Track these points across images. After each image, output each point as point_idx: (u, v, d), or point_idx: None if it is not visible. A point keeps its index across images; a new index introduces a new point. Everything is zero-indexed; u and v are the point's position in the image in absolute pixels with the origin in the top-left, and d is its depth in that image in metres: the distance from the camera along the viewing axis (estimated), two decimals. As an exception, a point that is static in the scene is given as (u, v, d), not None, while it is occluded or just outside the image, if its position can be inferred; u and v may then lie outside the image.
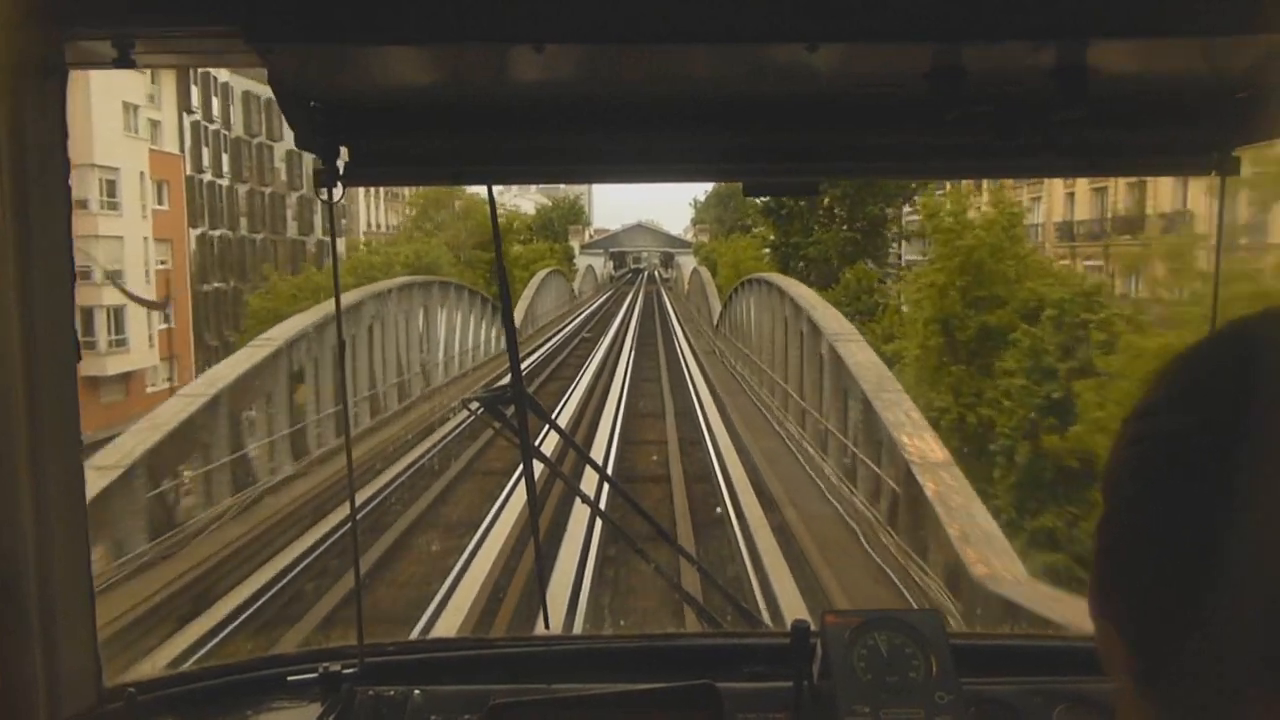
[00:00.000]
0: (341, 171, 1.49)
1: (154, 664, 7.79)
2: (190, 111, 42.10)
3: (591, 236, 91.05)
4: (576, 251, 77.68)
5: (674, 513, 12.79)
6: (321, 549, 11.40)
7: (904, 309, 27.32)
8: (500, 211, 2.10)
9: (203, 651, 8.58)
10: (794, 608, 9.18)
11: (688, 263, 69.07)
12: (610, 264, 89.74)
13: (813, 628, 1.51)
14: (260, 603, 10.12)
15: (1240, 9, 1.13)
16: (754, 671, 1.63)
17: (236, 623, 9.47)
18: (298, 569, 11.00)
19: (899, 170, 2.25)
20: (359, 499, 12.39)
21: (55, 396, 1.28)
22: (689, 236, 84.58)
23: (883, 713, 1.38)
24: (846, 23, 1.15)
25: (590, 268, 73.72)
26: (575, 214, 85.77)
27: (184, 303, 39.24)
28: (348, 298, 17.17)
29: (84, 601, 1.36)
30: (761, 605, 9.44)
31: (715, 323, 34.76)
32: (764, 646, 1.73)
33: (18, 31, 1.19)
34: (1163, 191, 27.58)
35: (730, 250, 49.68)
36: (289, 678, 1.65)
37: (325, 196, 1.49)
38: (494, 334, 28.41)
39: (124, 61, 1.27)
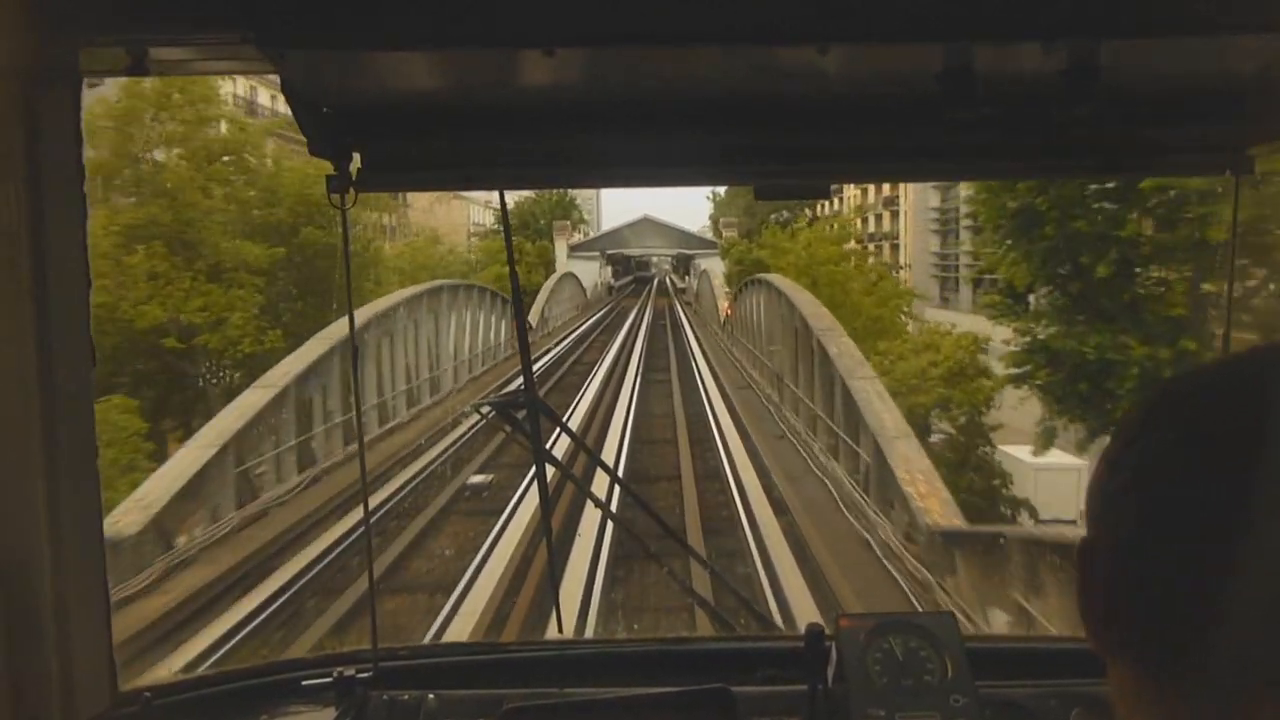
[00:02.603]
0: (354, 178, 1.50)
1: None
2: None
3: (586, 235, 70.98)
4: (563, 255, 58.08)
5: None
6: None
7: None
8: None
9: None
10: None
11: (714, 268, 46.68)
12: (609, 270, 68.46)
13: (827, 631, 1.52)
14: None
15: (1253, 7, 1.14)
16: (768, 675, 1.64)
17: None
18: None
19: (910, 171, 2.10)
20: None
21: (71, 401, 1.30)
22: (709, 234, 64.89)
23: (898, 716, 1.40)
24: (857, 24, 1.16)
25: (571, 276, 49.51)
26: (564, 209, 65.96)
27: None
28: None
29: (99, 604, 1.37)
30: None
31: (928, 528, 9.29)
32: (778, 650, 1.76)
33: (32, 39, 1.21)
34: None
35: (798, 248, 29.84)
36: (303, 682, 1.68)
37: (338, 203, 1.50)
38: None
39: (137, 68, 1.29)
